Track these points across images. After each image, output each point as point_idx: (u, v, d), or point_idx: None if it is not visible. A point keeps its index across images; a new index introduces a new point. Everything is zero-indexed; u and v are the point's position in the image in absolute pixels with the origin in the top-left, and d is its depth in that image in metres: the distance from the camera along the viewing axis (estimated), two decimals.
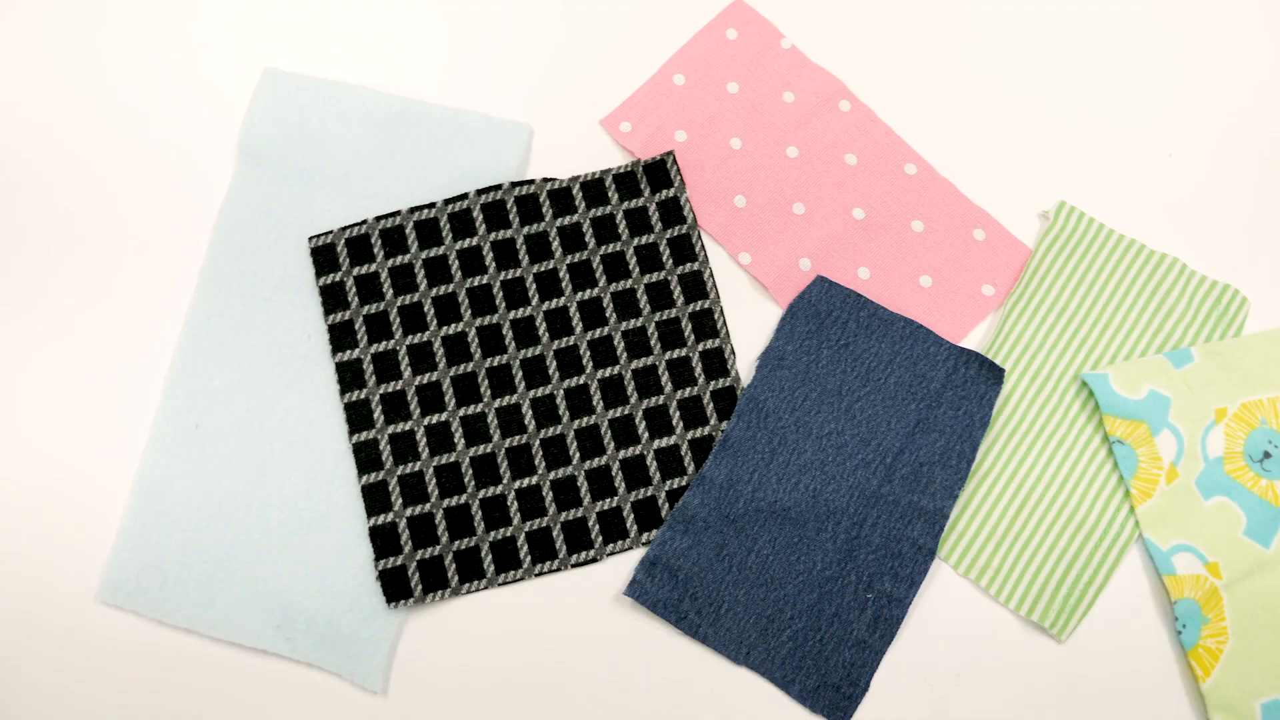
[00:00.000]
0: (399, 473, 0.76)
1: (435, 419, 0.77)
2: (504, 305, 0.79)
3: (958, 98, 0.87)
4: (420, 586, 0.74)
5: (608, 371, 0.79)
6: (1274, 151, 0.87)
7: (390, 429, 0.77)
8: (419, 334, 0.78)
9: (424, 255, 0.80)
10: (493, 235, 0.81)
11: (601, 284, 0.80)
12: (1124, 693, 0.74)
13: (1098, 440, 0.79)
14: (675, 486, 0.77)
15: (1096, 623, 0.76)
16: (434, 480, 0.76)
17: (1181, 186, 0.85)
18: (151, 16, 0.87)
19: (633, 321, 0.80)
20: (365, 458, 0.76)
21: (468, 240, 0.80)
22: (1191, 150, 0.86)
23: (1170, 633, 0.75)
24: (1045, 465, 0.78)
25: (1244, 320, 0.82)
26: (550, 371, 0.78)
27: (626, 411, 0.78)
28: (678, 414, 0.78)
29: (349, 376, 0.77)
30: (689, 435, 0.78)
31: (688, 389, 0.79)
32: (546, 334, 0.79)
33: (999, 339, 0.80)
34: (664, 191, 0.82)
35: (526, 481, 0.76)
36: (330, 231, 0.80)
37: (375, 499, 0.75)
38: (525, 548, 0.75)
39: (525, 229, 0.81)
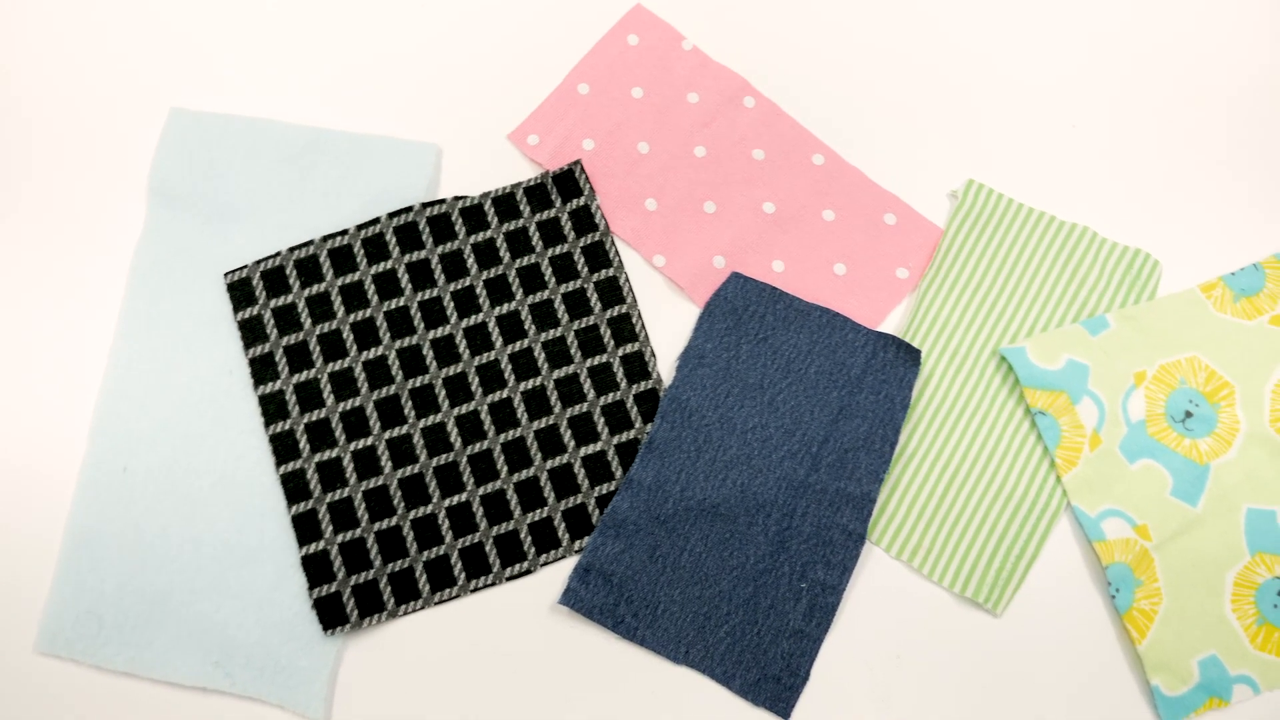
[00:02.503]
0: (328, 500, 0.76)
1: (361, 444, 0.77)
2: (423, 326, 0.80)
3: (860, 86, 0.88)
4: (356, 612, 0.74)
5: (530, 383, 0.79)
6: (1177, 113, 0.88)
7: (316, 457, 0.77)
8: (339, 361, 0.79)
9: (340, 282, 0.80)
10: (407, 257, 0.81)
11: (519, 297, 0.81)
12: (1064, 661, 0.75)
13: (1020, 413, 0.79)
14: (604, 492, 0.77)
15: (1031, 594, 0.76)
16: (363, 505, 0.76)
17: (1087, 156, 0.86)
18: (54, 62, 0.87)
19: (552, 332, 0.80)
20: (293, 487, 0.76)
21: (382, 264, 0.81)
22: (1095, 119, 0.87)
23: (1105, 598, 0.76)
24: (970, 442, 0.79)
25: (1157, 283, 0.83)
26: (473, 388, 0.79)
27: (551, 421, 0.78)
28: (602, 420, 0.79)
29: (272, 408, 0.78)
30: (615, 440, 0.78)
31: (610, 394, 0.79)
32: (467, 351, 0.79)
33: (915, 320, 0.81)
34: (575, 200, 0.83)
35: (456, 499, 0.77)
36: (245, 266, 0.81)
37: (306, 528, 0.75)
38: (459, 565, 0.76)
39: (439, 248, 0.81)
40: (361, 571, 0.75)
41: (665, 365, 0.80)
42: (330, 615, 0.74)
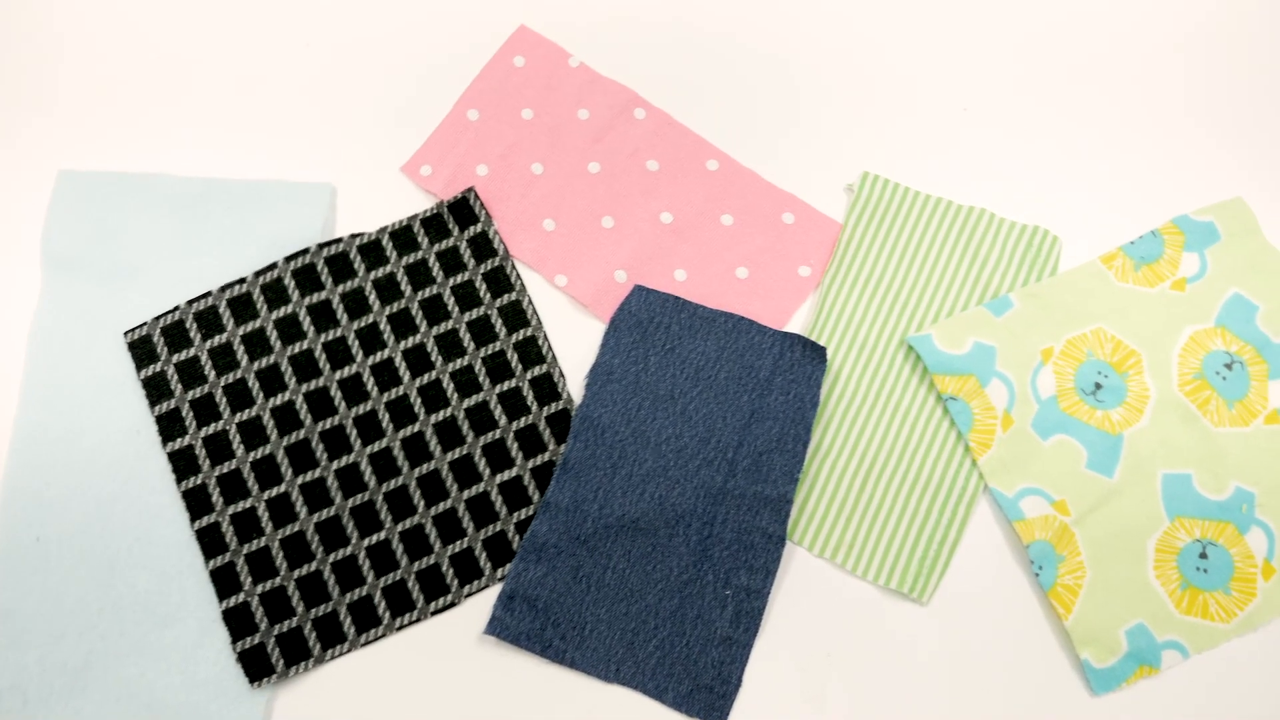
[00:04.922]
0: (245, 551, 0.75)
1: (274, 491, 0.77)
2: (328, 367, 0.79)
3: (750, 88, 0.88)
4: (282, 661, 0.74)
5: (441, 415, 0.79)
6: (1065, 89, 0.88)
7: (231, 509, 0.76)
8: (247, 410, 0.78)
9: (241, 331, 0.80)
10: (307, 299, 0.81)
11: (423, 329, 0.80)
12: (993, 642, 0.75)
13: (931, 401, 0.80)
14: (523, 517, 0.77)
15: (956, 580, 0.76)
16: (281, 552, 0.76)
17: (981, 138, 0.87)
18: None
19: (459, 361, 0.80)
20: (209, 542, 0.76)
21: (283, 309, 0.80)
22: (985, 101, 0.88)
23: (1029, 577, 0.76)
24: (883, 434, 0.79)
25: (1058, 259, 0.83)
26: (384, 425, 0.78)
27: (465, 451, 0.78)
28: (515, 445, 0.78)
29: (183, 464, 0.77)
30: (530, 464, 0.78)
31: (522, 418, 0.79)
32: (375, 388, 0.79)
33: (821, 317, 0.81)
34: (472, 228, 0.83)
35: (375, 538, 0.76)
36: (145, 323, 0.80)
37: (224, 581, 0.75)
38: (383, 604, 0.75)
39: (339, 288, 0.81)
40: (284, 620, 0.74)
41: (575, 384, 0.80)
42: (256, 667, 0.73)
